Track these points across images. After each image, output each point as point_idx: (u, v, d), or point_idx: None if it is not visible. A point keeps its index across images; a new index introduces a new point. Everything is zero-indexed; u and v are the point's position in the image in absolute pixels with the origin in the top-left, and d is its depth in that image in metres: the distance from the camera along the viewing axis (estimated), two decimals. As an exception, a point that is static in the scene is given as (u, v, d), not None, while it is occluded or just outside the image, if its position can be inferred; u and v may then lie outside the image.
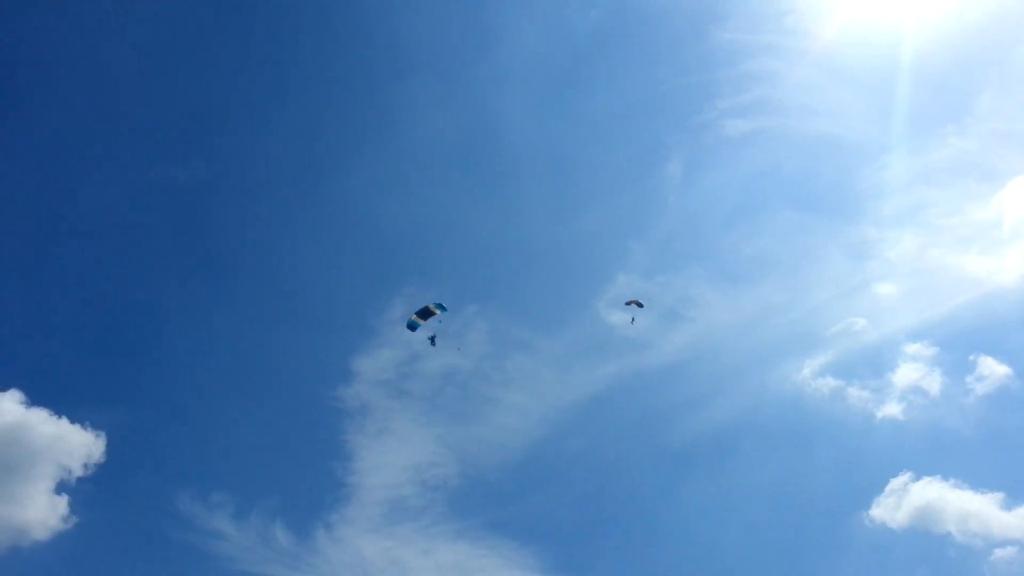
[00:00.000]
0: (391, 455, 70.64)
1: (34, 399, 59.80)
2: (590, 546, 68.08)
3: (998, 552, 60.59)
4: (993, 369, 72.48)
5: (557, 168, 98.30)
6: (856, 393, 74.41)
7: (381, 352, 75.65)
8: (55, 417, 59.57)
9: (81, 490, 58.98)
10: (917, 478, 65.63)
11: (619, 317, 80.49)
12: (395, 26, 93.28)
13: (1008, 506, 63.12)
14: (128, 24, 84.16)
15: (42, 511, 56.56)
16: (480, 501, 69.82)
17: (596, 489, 72.96)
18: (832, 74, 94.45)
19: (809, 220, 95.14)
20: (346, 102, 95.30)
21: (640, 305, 55.53)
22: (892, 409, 72.57)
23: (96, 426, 60.38)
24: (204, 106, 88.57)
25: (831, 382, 75.20)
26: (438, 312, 48.23)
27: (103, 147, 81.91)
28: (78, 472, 58.81)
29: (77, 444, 59.23)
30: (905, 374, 74.54)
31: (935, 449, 72.00)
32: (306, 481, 68.72)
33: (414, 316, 48.12)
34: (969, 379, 73.06)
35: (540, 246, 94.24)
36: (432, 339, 50.18)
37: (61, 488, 58.06)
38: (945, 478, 65.26)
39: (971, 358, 74.02)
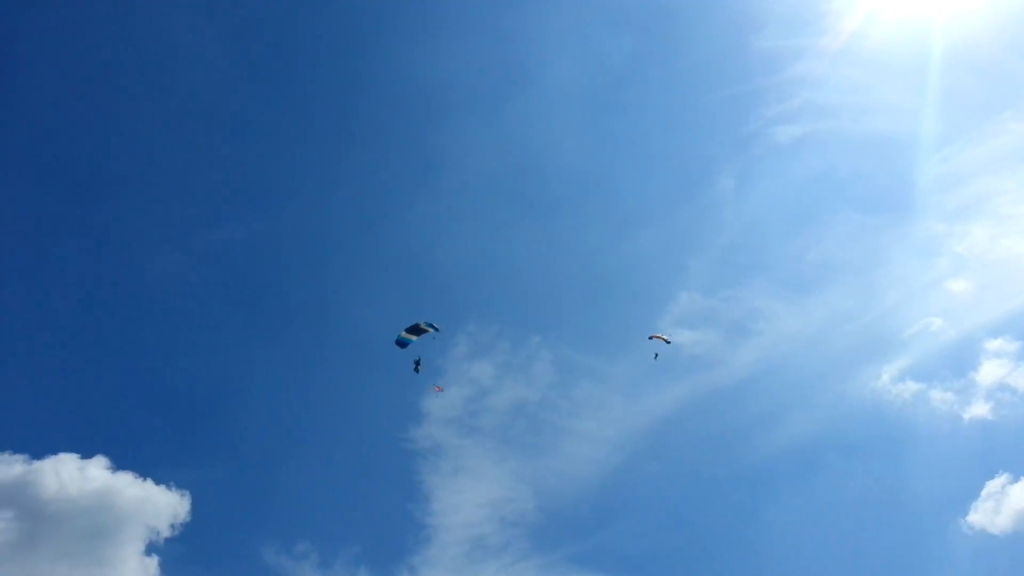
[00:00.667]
0: (467, 493, 70.46)
1: (119, 463, 61.40)
2: (678, 571, 66.67)
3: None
4: (1083, 358, 69.44)
5: (606, 193, 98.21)
6: (939, 396, 72.00)
7: (448, 390, 75.92)
8: (140, 480, 61.02)
9: (170, 550, 60.00)
10: (1015, 479, 62.87)
11: (686, 336, 79.51)
12: (434, 69, 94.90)
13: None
14: (176, 92, 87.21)
15: (134, 574, 57.74)
16: (561, 534, 69.01)
17: (678, 514, 71.61)
18: (879, 71, 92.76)
19: (872, 221, 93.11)
20: (393, 148, 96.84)
21: (667, 342, 54.50)
22: (980, 409, 69.96)
23: (180, 485, 61.59)
24: (255, 163, 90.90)
25: (912, 386, 72.93)
26: (429, 330, 45.90)
27: (166, 211, 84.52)
28: (166, 533, 59.90)
29: (163, 505, 60.43)
30: (989, 372, 71.91)
31: (1032, 448, 68.87)
32: (386, 525, 68.90)
33: (404, 332, 45.74)
34: (1059, 371, 70.04)
35: (597, 272, 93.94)
36: (416, 364, 47.85)
37: (151, 549, 59.13)
38: (1047, 478, 62.44)
39: (1059, 349, 71.15)
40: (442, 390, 49.43)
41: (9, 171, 77.19)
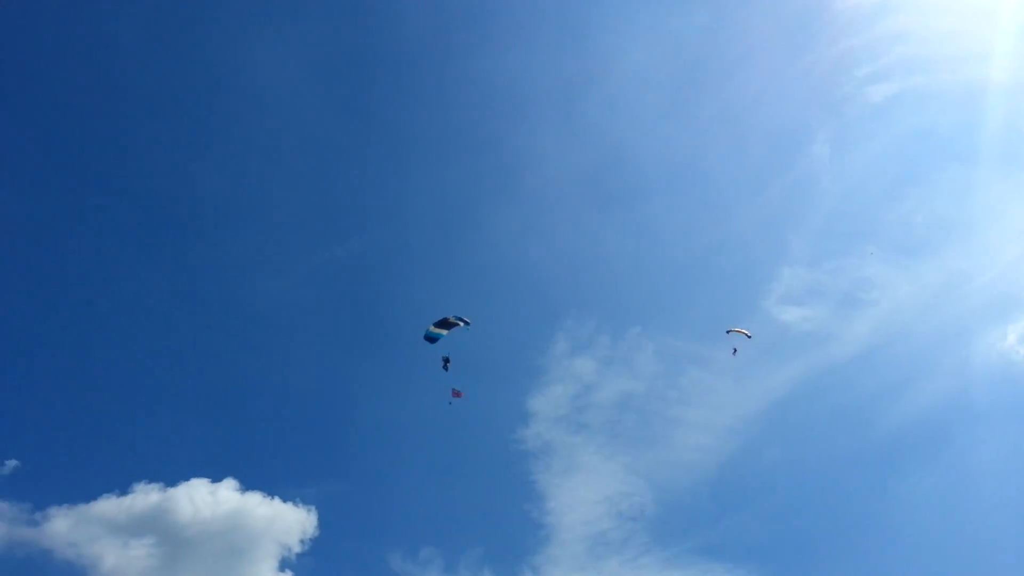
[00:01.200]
0: (582, 490, 70.36)
1: (248, 484, 64.20)
2: (807, 557, 64.72)
3: None
4: None
5: (694, 175, 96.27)
6: (1075, 352, 67.40)
7: (553, 389, 76.01)
8: (268, 498, 63.63)
9: (302, 564, 62.29)
10: None
11: (793, 313, 77.13)
12: (508, 73, 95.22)
13: None
14: (269, 118, 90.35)
15: (270, 590, 60.26)
16: (682, 526, 68.10)
17: (802, 497, 69.55)
18: (974, 17, 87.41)
19: (980, 175, 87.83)
20: (476, 154, 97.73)
21: (748, 336, 52.68)
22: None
23: (306, 501, 63.87)
24: (348, 184, 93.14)
25: (1044, 344, 68.60)
26: (459, 324, 43.95)
27: (272, 238, 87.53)
28: (296, 548, 62.13)
29: (292, 521, 62.77)
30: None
31: None
32: (506, 526, 69.62)
33: (433, 327, 43.92)
34: None
35: (692, 256, 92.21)
36: (445, 362, 46.03)
37: (284, 565, 61.51)
38: None
39: None
40: (462, 395, 46.29)
41: (116, 202, 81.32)
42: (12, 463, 59.46)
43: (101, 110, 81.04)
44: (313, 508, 63.47)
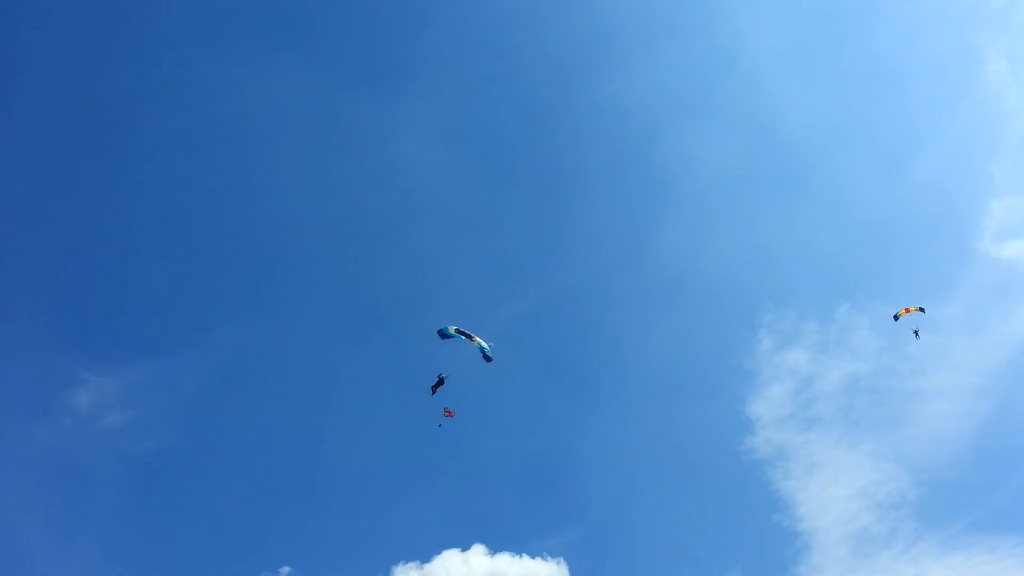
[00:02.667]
0: (831, 488, 66.16)
1: (495, 547, 65.78)
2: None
3: None
4: None
5: (863, 133, 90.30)
6: None
7: (770, 390, 72.62)
8: (518, 557, 64.87)
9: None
10: None
11: (1015, 247, 69.64)
12: (639, 86, 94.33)
13: None
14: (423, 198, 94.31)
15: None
16: (949, 505, 62.30)
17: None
18: None
19: None
20: (626, 175, 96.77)
21: (921, 310, 47.33)
22: None
23: (554, 554, 64.50)
24: (513, 238, 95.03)
25: None
26: (475, 341, 43.46)
27: (452, 307, 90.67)
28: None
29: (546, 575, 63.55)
30: None
31: None
32: (758, 543, 66.52)
33: (452, 328, 43.45)
34: None
35: (881, 216, 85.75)
36: (439, 382, 44.28)
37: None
38: None
39: None
40: (454, 414, 44.38)
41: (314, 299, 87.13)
42: (286, 570, 64.17)
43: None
44: (562, 559, 63.89)
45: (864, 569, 60.58)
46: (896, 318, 48.89)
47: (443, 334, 43.77)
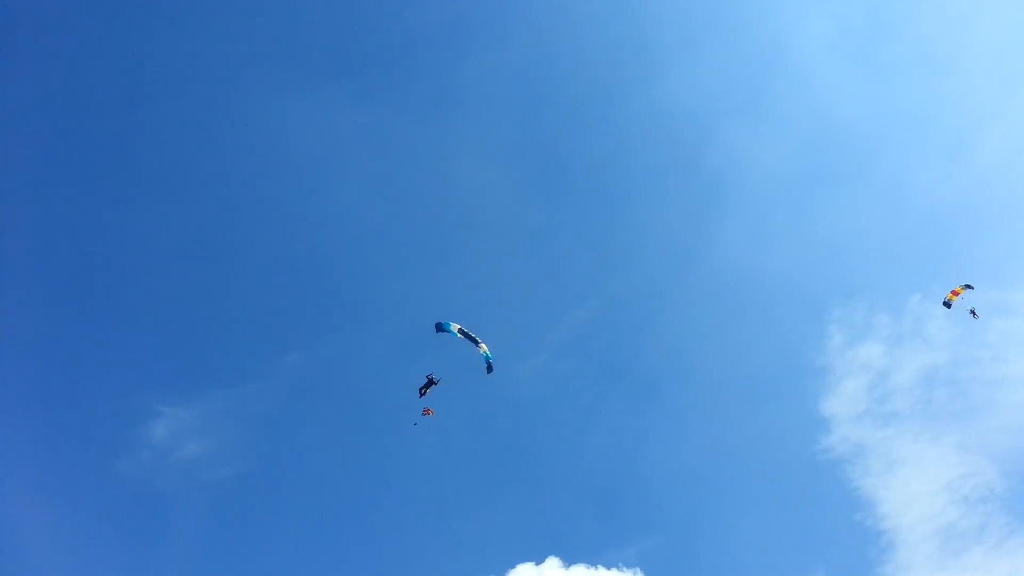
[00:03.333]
0: (914, 484, 63.98)
1: (569, 559, 65.29)
2: None
3: None
4: None
5: (917, 124, 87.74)
6: None
7: (844, 387, 70.67)
8: (593, 568, 64.22)
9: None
10: None
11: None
12: (692, 87, 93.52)
13: None
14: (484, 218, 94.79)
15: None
16: (1042, 496, 59.53)
17: None
18: None
19: None
20: (677, 178, 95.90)
21: (969, 287, 45.06)
22: None
23: (629, 564, 63.72)
24: (569, 245, 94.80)
25: None
26: (488, 355, 41.06)
27: (513, 324, 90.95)
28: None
29: (623, 586, 62.73)
30: None
31: None
32: (841, 544, 64.69)
33: (455, 327, 40.97)
34: None
35: (946, 201, 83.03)
36: (428, 383, 41.99)
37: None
38: None
39: None
40: (432, 413, 42.29)
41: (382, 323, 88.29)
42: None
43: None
44: (638, 569, 63.11)
45: (954, 566, 58.46)
46: (948, 305, 46.67)
47: (440, 328, 41.74)
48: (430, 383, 42.20)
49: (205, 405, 69.44)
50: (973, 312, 47.75)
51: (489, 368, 41.65)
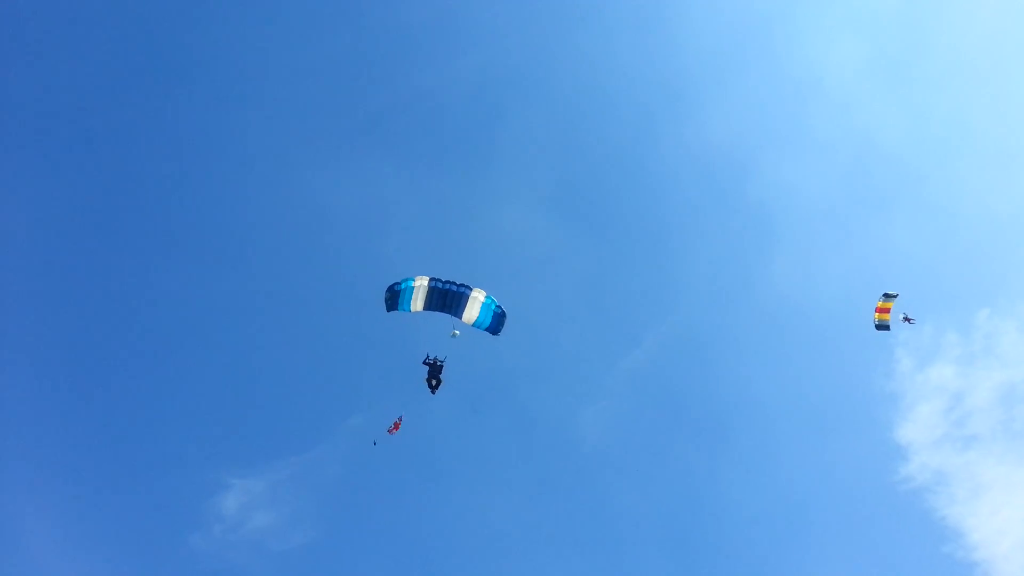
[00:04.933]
0: (1006, 510, 61.13)
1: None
2: None
3: None
4: None
5: (952, 136, 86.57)
6: None
7: (918, 411, 68.39)
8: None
9: None
10: None
11: None
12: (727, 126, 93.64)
13: None
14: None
15: None
16: None
17: None
18: None
19: None
20: (720, 207, 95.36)
21: (887, 296, 42.43)
22: None
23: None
24: (618, 287, 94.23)
25: None
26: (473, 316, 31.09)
27: (567, 371, 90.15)
28: None
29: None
30: None
31: None
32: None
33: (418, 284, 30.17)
34: None
35: (1003, 210, 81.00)
36: (433, 366, 33.43)
37: None
38: None
39: None
40: (399, 427, 35.48)
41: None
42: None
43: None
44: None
45: (1059, 596, 55.36)
46: (885, 327, 42.87)
47: (395, 302, 31.15)
48: (435, 369, 33.36)
49: (273, 474, 69.85)
50: (907, 318, 45.06)
51: (496, 326, 31.41)
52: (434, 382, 33.66)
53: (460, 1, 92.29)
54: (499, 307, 31.36)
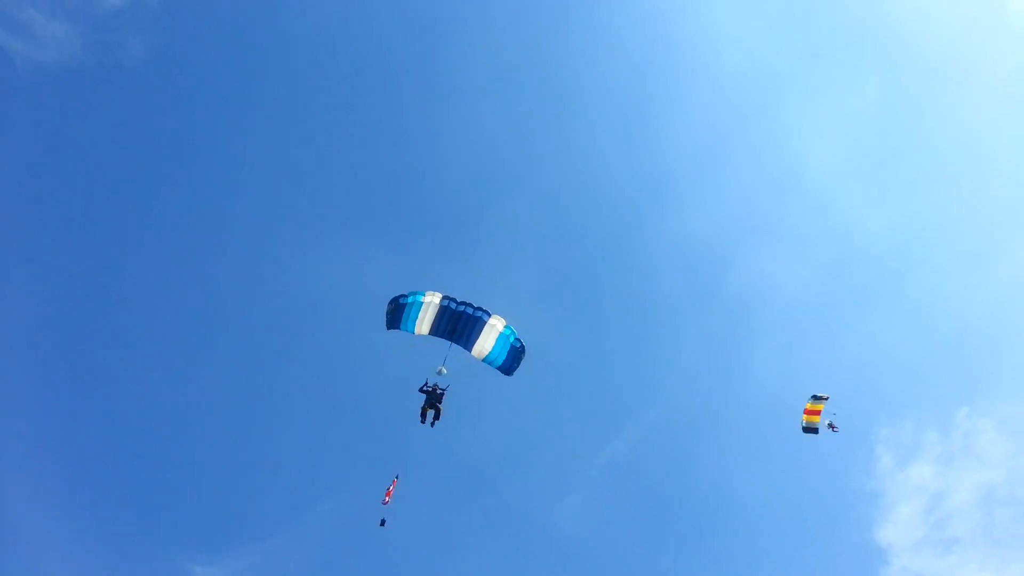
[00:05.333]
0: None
1: None
2: None
3: None
4: None
5: (931, 236, 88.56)
6: None
7: (898, 511, 67.54)
8: None
9: None
10: None
11: None
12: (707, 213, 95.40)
13: None
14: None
15: None
16: None
17: None
18: None
19: None
20: (710, 301, 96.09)
21: (816, 398, 41.00)
22: None
23: None
24: (600, 378, 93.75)
25: None
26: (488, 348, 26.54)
27: (548, 466, 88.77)
28: None
29: None
30: None
31: None
32: None
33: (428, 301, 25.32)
34: None
35: (980, 310, 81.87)
36: (430, 400, 28.88)
37: None
38: None
39: None
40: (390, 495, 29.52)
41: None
42: None
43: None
44: None
45: None
46: (813, 430, 41.39)
47: (396, 318, 25.78)
48: (434, 397, 27.99)
49: (238, 561, 67.47)
50: (831, 426, 43.27)
51: (512, 364, 26.62)
52: (432, 412, 28.50)
53: (450, 94, 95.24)
54: (519, 340, 26.54)
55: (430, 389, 28.39)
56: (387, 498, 29.20)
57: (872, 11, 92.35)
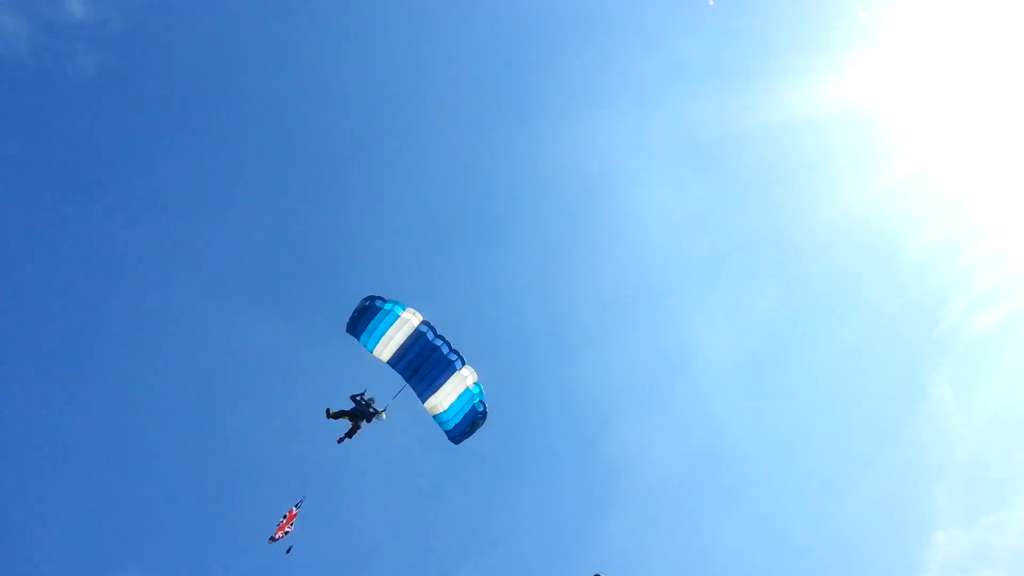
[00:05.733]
0: None
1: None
2: None
3: None
4: None
5: (802, 458, 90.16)
6: None
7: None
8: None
9: None
10: None
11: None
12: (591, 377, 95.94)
13: None
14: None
15: None
16: None
17: None
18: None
19: None
20: (569, 468, 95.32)
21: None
22: None
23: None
24: (448, 514, 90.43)
25: None
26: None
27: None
28: None
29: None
30: None
31: None
32: None
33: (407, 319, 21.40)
34: None
35: (822, 536, 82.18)
36: (357, 416, 23.46)
37: None
38: None
39: None
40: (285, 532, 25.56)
41: None
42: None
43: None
44: None
45: None
46: None
47: (361, 324, 21.48)
48: (363, 410, 22.76)
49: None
50: None
51: (463, 432, 22.49)
52: (352, 427, 22.90)
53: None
54: (483, 404, 22.27)
55: (364, 403, 23.07)
56: (280, 533, 23.17)
57: (789, 230, 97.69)
